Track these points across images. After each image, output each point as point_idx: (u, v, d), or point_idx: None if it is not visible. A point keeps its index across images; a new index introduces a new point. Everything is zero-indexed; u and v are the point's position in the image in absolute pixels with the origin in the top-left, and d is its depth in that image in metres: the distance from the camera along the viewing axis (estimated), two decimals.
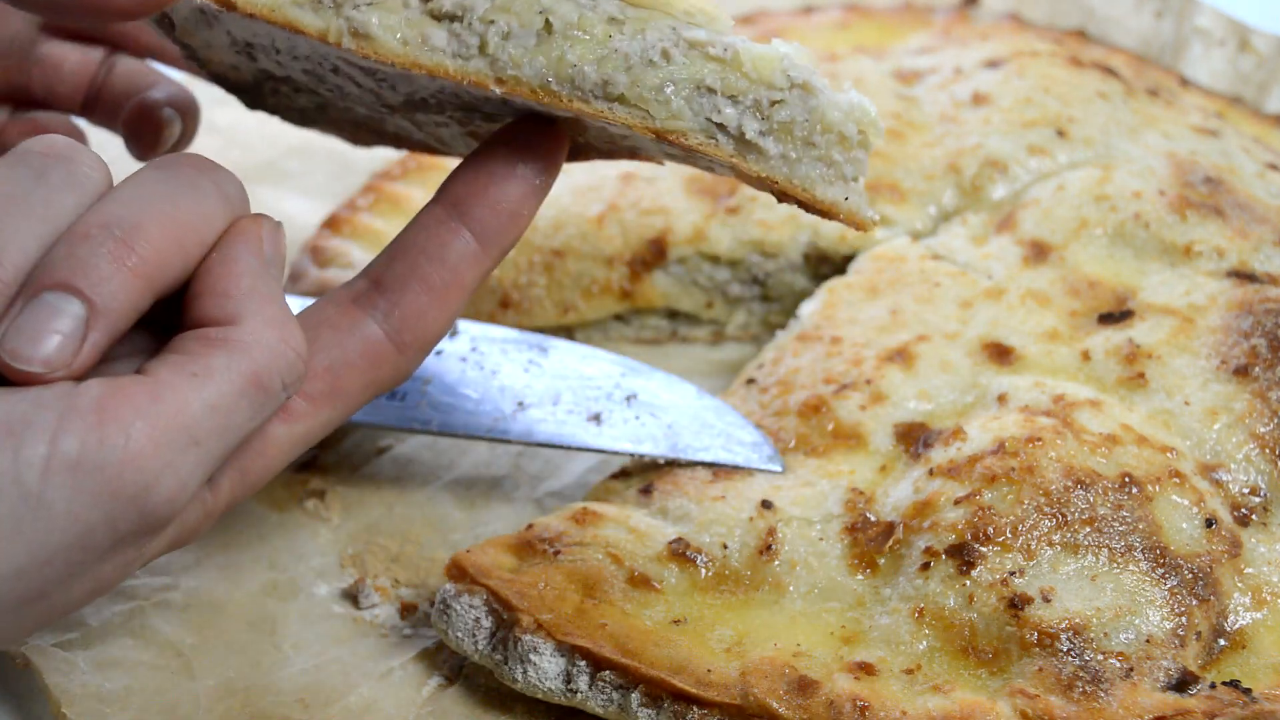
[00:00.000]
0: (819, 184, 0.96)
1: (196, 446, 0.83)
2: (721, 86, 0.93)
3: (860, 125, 0.95)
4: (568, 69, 0.91)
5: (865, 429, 1.18)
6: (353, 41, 0.91)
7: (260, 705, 1.04)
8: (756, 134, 0.94)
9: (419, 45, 0.91)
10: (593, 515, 1.11)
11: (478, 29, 0.91)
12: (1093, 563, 1.06)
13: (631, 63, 0.92)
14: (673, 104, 0.93)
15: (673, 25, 0.92)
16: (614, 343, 1.39)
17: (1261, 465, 1.14)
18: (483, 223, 0.96)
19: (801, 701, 0.99)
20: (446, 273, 0.96)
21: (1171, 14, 1.67)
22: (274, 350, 0.86)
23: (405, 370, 0.97)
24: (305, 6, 0.91)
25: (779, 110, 0.94)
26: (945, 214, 1.40)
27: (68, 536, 0.81)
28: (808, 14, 1.71)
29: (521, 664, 1.03)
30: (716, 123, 0.94)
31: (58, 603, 0.84)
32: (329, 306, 0.96)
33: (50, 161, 0.86)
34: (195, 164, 0.89)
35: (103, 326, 0.82)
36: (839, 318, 1.28)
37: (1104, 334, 1.24)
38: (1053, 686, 1.00)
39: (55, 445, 0.79)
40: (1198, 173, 1.37)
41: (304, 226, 1.46)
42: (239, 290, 0.87)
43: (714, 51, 0.93)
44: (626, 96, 0.92)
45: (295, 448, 0.94)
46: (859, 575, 1.08)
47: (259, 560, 1.16)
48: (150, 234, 0.84)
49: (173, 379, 0.83)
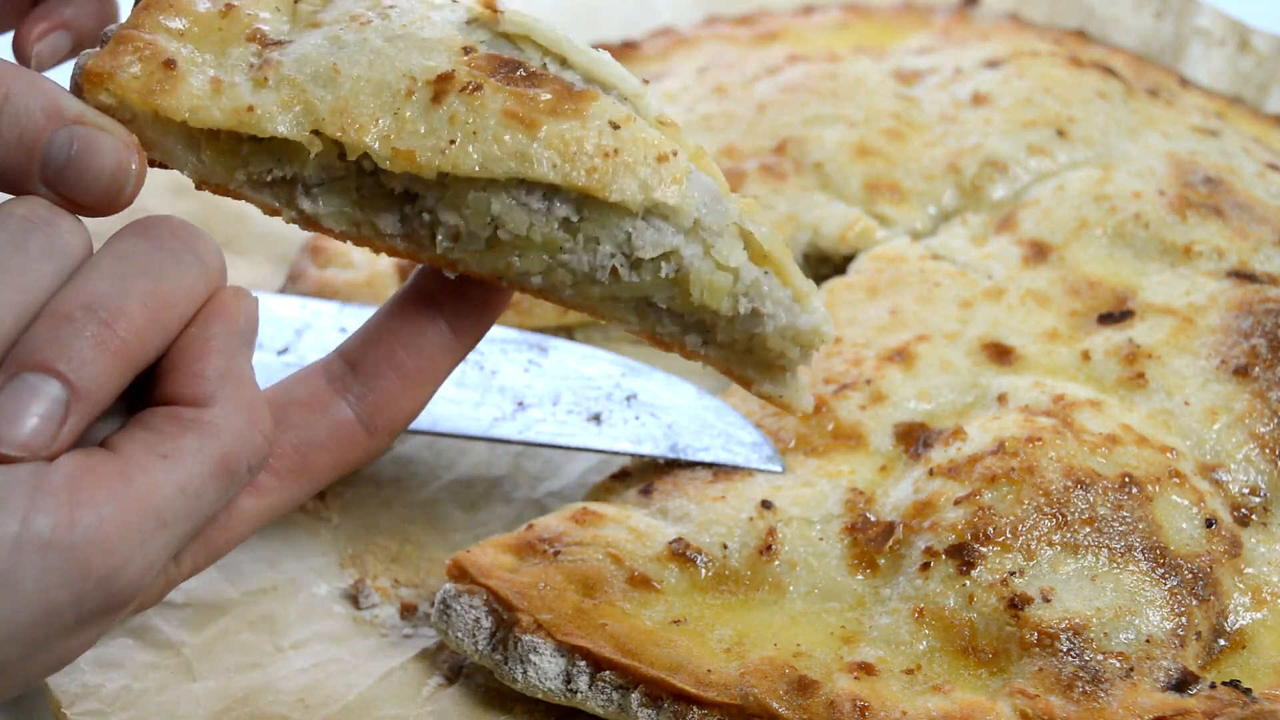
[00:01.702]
0: (758, 382, 0.98)
1: (165, 529, 0.83)
2: (668, 305, 0.94)
3: (805, 346, 0.95)
4: (515, 274, 0.92)
5: (865, 429, 1.18)
6: (304, 226, 0.92)
7: (260, 705, 1.04)
8: (698, 346, 0.96)
9: (371, 232, 0.92)
10: (593, 515, 1.11)
11: (427, 220, 0.91)
12: (1093, 563, 1.06)
13: (578, 278, 0.92)
14: (618, 312, 0.94)
15: (629, 230, 0.90)
16: (614, 343, 1.39)
17: (1261, 465, 1.14)
18: (456, 315, 0.97)
19: (801, 701, 0.99)
20: (422, 361, 0.96)
21: (1171, 14, 1.67)
22: (243, 435, 0.86)
23: (374, 453, 0.97)
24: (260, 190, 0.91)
25: (722, 332, 0.95)
26: (945, 214, 1.40)
27: (34, 615, 0.80)
28: (808, 14, 1.71)
29: (521, 664, 1.03)
30: (661, 332, 0.96)
31: (18, 677, 0.84)
32: (303, 385, 0.96)
33: (29, 227, 0.84)
34: (177, 233, 0.88)
35: (82, 410, 0.82)
36: (839, 318, 1.28)
37: (1104, 334, 1.24)
38: (1053, 686, 1.00)
39: (27, 525, 0.78)
40: (1198, 173, 1.37)
41: None
42: (214, 371, 0.86)
43: (665, 271, 0.92)
44: (574, 300, 0.93)
45: (260, 521, 0.94)
46: (859, 575, 1.08)
47: (259, 560, 1.16)
48: (132, 314, 0.83)
49: (144, 460, 0.82)
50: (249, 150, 0.90)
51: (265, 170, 0.90)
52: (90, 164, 0.85)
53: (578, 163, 0.88)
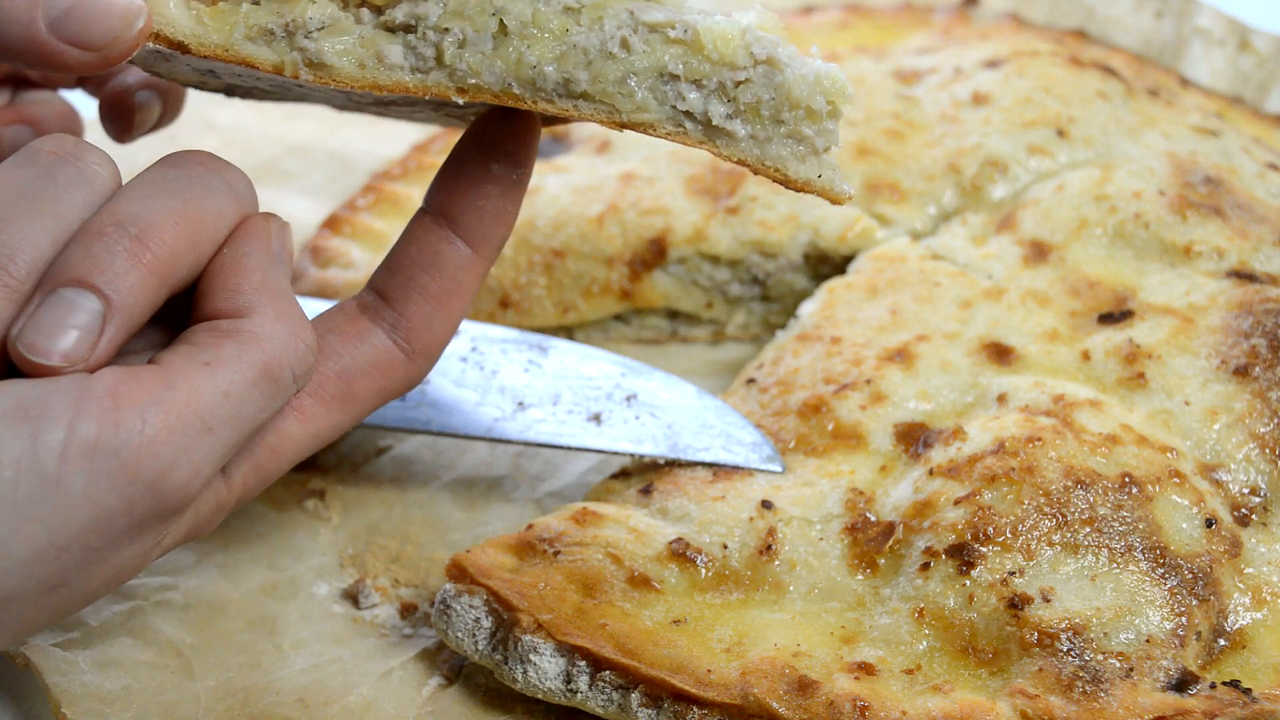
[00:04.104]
0: (790, 162, 0.95)
1: (210, 433, 0.84)
2: (684, 71, 0.93)
3: (828, 96, 0.94)
4: (527, 71, 0.91)
5: (865, 429, 1.18)
6: (309, 73, 0.92)
7: (260, 705, 1.04)
8: (723, 118, 0.94)
9: (376, 65, 0.92)
10: (593, 515, 1.11)
11: (432, 39, 0.91)
12: (1093, 563, 1.06)
13: (591, 57, 0.91)
14: (637, 96, 0.93)
15: (630, 7, 0.91)
16: (614, 343, 1.39)
17: (1261, 465, 1.14)
18: (470, 228, 0.98)
19: (801, 701, 0.99)
20: (445, 281, 0.98)
21: (1171, 14, 1.67)
22: (285, 342, 0.88)
23: (416, 377, 0.99)
24: (258, 42, 0.92)
25: (744, 91, 0.93)
26: (945, 214, 1.40)
27: (85, 521, 0.81)
28: (808, 14, 1.71)
29: (521, 664, 1.03)
30: (683, 110, 0.93)
31: (76, 591, 0.85)
32: (338, 315, 0.98)
33: (59, 160, 0.87)
34: (205, 162, 0.91)
35: (119, 322, 0.84)
36: (839, 318, 1.28)
37: (1104, 334, 1.24)
38: (1053, 686, 1.00)
39: (73, 430, 0.80)
40: (1198, 173, 1.37)
41: (304, 226, 1.46)
42: (250, 285, 0.89)
43: (674, 34, 0.92)
44: (590, 93, 0.92)
45: (307, 447, 0.96)
46: (859, 575, 1.08)
47: (259, 560, 1.16)
48: (164, 231, 0.86)
49: (186, 367, 0.84)
50: (247, 8, 0.91)
51: (265, 22, 0.91)
52: (96, 4, 0.87)
53: None
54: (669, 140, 0.94)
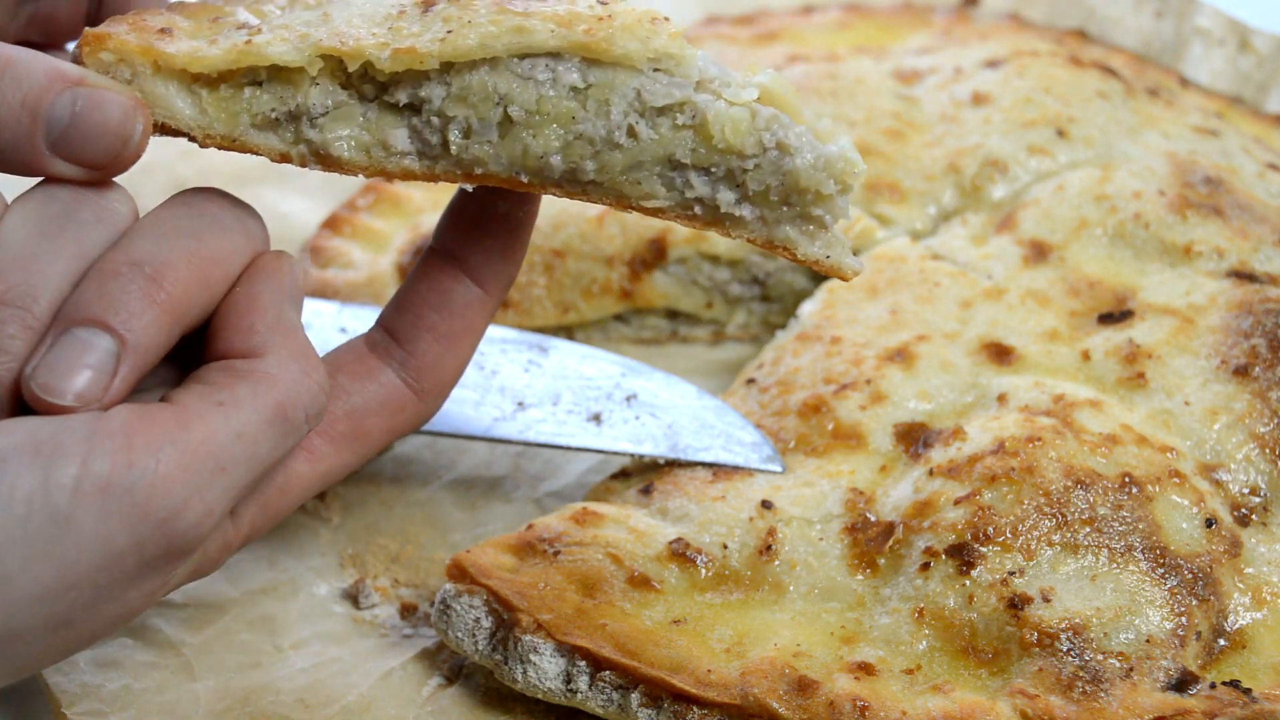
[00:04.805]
0: (800, 243, 0.95)
1: (223, 474, 0.84)
2: (692, 159, 0.92)
3: (838, 177, 0.92)
4: (534, 161, 0.91)
5: (865, 429, 1.18)
6: (318, 164, 0.92)
7: (260, 705, 1.04)
8: (731, 204, 0.93)
9: (382, 154, 0.92)
10: (593, 515, 1.11)
11: (437, 125, 0.90)
12: (1093, 563, 1.06)
13: (598, 147, 0.91)
14: (644, 185, 0.92)
15: (637, 86, 0.90)
16: (614, 343, 1.39)
17: (1261, 465, 1.14)
18: (479, 267, 0.98)
19: (801, 701, 0.99)
20: (454, 320, 0.98)
21: (1171, 14, 1.67)
22: (298, 382, 0.88)
23: (425, 415, 0.99)
24: (264, 131, 0.91)
25: (752, 177, 0.92)
26: (945, 214, 1.40)
27: (95, 559, 0.81)
28: (808, 14, 1.71)
29: (521, 664, 1.03)
30: (691, 197, 0.93)
31: (83, 630, 0.84)
32: (346, 353, 0.98)
33: (79, 198, 0.87)
34: (218, 200, 0.91)
35: (132, 361, 0.83)
36: (839, 318, 1.28)
37: (1104, 334, 1.24)
38: (1053, 686, 1.00)
39: (86, 467, 0.80)
40: (1198, 173, 1.37)
41: (304, 226, 1.46)
42: (264, 324, 0.88)
43: (681, 119, 0.91)
44: (598, 181, 0.92)
45: (315, 487, 0.96)
46: (859, 575, 1.08)
47: (259, 560, 1.16)
48: (178, 270, 0.85)
49: (200, 407, 0.84)
50: (250, 94, 0.91)
51: (269, 109, 0.91)
52: (95, 119, 0.86)
53: (574, 26, 0.89)
54: (676, 223, 0.94)
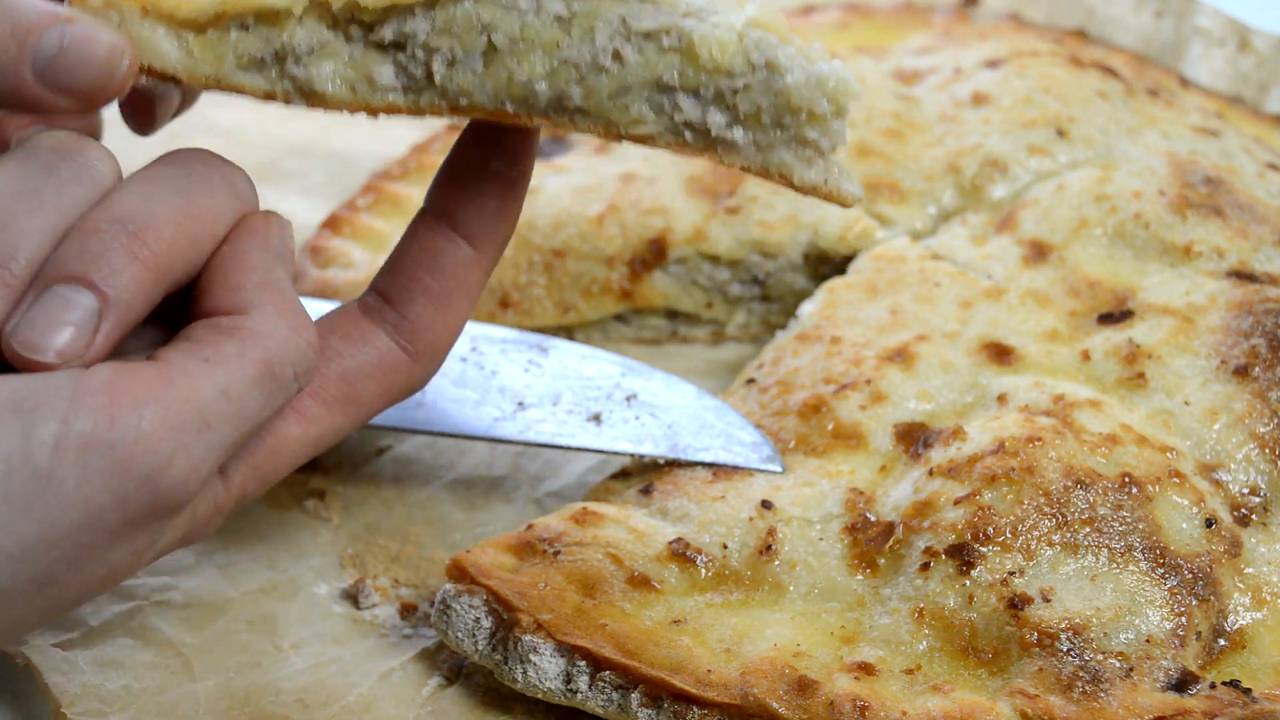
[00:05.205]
0: (795, 167, 0.92)
1: (209, 431, 0.83)
2: (680, 81, 0.90)
3: (832, 97, 0.90)
4: (519, 89, 0.90)
5: (865, 429, 1.18)
6: (302, 99, 0.92)
7: (260, 705, 1.04)
8: (723, 127, 0.91)
9: (367, 88, 0.91)
10: (593, 515, 1.11)
11: (421, 58, 0.90)
12: (1093, 563, 1.06)
13: (583, 72, 0.90)
14: (632, 109, 0.91)
15: (622, 13, 0.89)
16: (614, 343, 1.39)
17: (1261, 465, 1.14)
18: (472, 227, 0.97)
19: (801, 701, 0.99)
20: (447, 280, 0.97)
21: (1171, 14, 1.67)
22: (286, 339, 0.87)
23: (420, 378, 0.98)
24: (250, 70, 0.91)
25: (743, 98, 0.90)
26: (945, 214, 1.40)
27: (78, 516, 0.81)
28: (808, 14, 1.71)
29: (521, 664, 1.03)
30: (681, 121, 0.91)
31: (68, 589, 0.84)
32: (340, 316, 0.97)
33: (59, 155, 0.86)
34: (205, 159, 0.90)
35: (114, 318, 0.83)
36: (839, 318, 1.28)
37: (1104, 334, 1.24)
38: (1053, 686, 1.00)
39: (67, 424, 0.79)
40: (1198, 173, 1.37)
41: (304, 226, 1.46)
42: (250, 282, 0.88)
43: (668, 42, 0.89)
44: (585, 108, 0.90)
45: (308, 450, 0.95)
46: (859, 575, 1.08)
47: (259, 560, 1.16)
48: (162, 228, 0.85)
49: (184, 363, 0.84)
50: (236, 36, 0.90)
51: (254, 50, 0.90)
52: (82, 52, 0.86)
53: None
54: (669, 150, 0.92)
